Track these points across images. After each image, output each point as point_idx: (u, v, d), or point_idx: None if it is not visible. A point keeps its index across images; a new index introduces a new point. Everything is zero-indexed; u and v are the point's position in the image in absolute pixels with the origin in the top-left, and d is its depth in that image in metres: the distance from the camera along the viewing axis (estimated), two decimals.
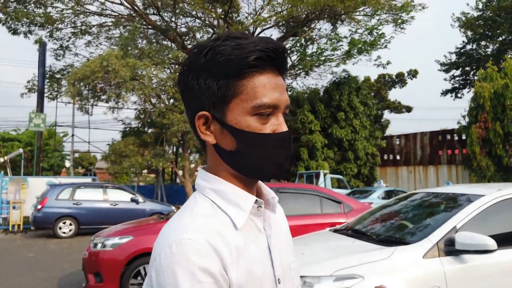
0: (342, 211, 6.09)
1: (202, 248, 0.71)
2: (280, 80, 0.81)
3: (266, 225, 0.86)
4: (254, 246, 0.80)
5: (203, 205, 0.81)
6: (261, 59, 0.77)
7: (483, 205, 3.36)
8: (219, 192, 0.82)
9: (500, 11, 26.69)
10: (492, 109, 18.91)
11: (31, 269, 7.73)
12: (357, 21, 17.82)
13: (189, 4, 15.73)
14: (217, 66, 0.78)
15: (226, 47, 0.77)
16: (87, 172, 31.87)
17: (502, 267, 3.11)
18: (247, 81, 0.77)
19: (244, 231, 0.80)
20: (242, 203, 0.81)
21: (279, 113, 0.81)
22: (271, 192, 0.91)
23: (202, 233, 0.74)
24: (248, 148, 0.79)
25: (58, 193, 12.09)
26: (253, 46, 0.76)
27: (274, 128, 0.80)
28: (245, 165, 0.81)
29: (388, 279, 2.98)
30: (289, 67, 19.07)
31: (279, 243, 0.88)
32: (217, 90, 0.78)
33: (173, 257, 0.71)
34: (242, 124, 0.78)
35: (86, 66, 13.51)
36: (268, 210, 0.88)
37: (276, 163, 0.81)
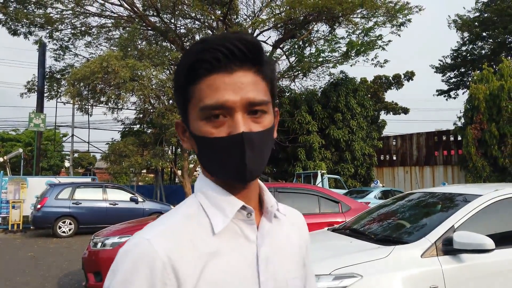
0: (340, 210, 6.16)
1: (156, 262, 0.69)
2: (237, 77, 0.74)
3: (259, 234, 0.80)
4: (234, 254, 0.76)
5: (190, 206, 0.80)
6: (205, 61, 0.73)
7: (481, 205, 3.40)
8: (207, 195, 0.80)
9: (498, 12, 26.86)
10: (487, 110, 19.05)
11: (30, 268, 7.76)
12: (354, 23, 17.92)
13: (189, 6, 15.78)
14: (176, 75, 0.80)
15: (184, 55, 0.78)
16: (86, 172, 31.81)
17: (500, 266, 3.14)
18: (195, 85, 0.75)
19: (225, 237, 0.77)
20: (226, 207, 0.78)
21: (235, 114, 0.74)
22: (272, 200, 0.85)
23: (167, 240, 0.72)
24: (206, 153, 0.78)
25: (57, 193, 12.12)
26: (202, 49, 0.74)
27: (230, 130, 0.74)
28: (210, 168, 0.79)
29: (386, 278, 3.02)
30: (287, 68, 19.17)
31: (276, 255, 0.82)
32: (178, 98, 0.80)
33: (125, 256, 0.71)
34: (196, 130, 0.77)
35: (86, 67, 13.54)
36: (265, 219, 0.84)
37: (234, 167, 0.75)
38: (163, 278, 0.69)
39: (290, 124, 20.00)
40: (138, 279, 0.69)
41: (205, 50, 0.74)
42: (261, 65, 0.78)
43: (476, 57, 29.09)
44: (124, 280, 0.69)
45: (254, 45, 0.76)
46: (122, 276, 0.70)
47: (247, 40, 0.75)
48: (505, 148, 18.44)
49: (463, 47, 30.28)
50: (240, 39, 0.75)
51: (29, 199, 13.46)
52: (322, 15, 16.17)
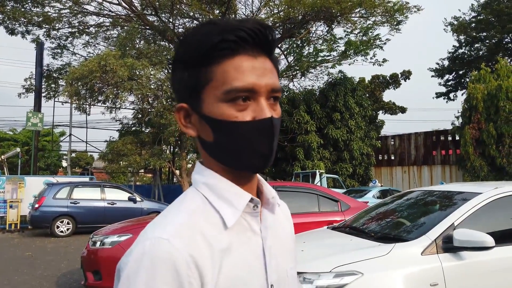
0: (339, 209, 6.17)
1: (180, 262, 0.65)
2: (261, 62, 0.73)
3: (262, 227, 0.79)
4: (244, 248, 0.75)
5: (193, 200, 0.76)
6: (231, 41, 0.70)
7: (480, 203, 3.41)
8: (212, 187, 0.76)
9: (495, 14, 26.98)
10: (485, 110, 19.11)
11: (29, 268, 7.74)
12: (353, 23, 17.94)
13: (187, 5, 15.77)
14: (187, 54, 0.74)
15: (196, 35, 0.73)
16: (84, 172, 31.76)
17: (500, 263, 3.15)
18: (217, 66, 0.71)
19: (234, 231, 0.74)
20: (235, 201, 0.75)
21: (260, 98, 0.72)
22: (272, 191, 0.84)
23: (184, 237, 0.68)
24: (225, 138, 0.73)
25: (55, 192, 12.09)
26: (223, 29, 0.71)
27: (255, 114, 0.72)
28: (227, 156, 0.75)
29: (387, 275, 3.02)
30: (285, 68, 19.18)
31: (277, 246, 0.82)
32: (189, 80, 0.74)
33: (142, 259, 0.65)
34: (216, 113, 0.72)
35: (84, 66, 13.51)
36: (267, 211, 0.82)
37: (259, 153, 0.73)
38: (189, 277, 0.66)
39: (289, 123, 20.02)
40: (164, 281, 0.64)
41: (228, 30, 0.70)
42: (273, 54, 0.77)
43: (474, 58, 29.20)
44: (147, 284, 0.64)
45: (273, 31, 0.75)
46: (144, 282, 0.64)
47: (266, 25, 0.74)
48: (503, 148, 18.50)
49: (460, 50, 30.44)
50: (260, 24, 0.73)
51: (27, 198, 13.43)
52: (320, 14, 16.19)
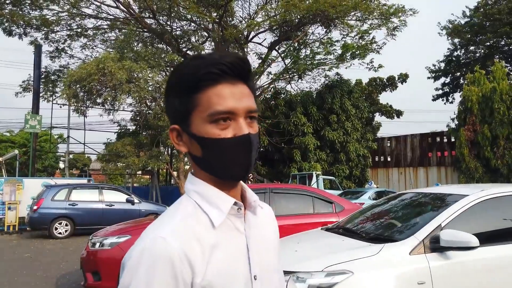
0: (334, 210, 6.28)
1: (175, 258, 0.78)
2: (239, 88, 0.87)
3: (246, 226, 0.92)
4: (230, 244, 0.87)
5: (186, 206, 0.89)
6: (213, 73, 0.84)
7: (467, 205, 3.51)
8: (202, 194, 0.89)
9: (488, 17, 27.24)
10: (480, 112, 19.30)
11: (28, 269, 7.81)
12: (349, 26, 18.09)
13: (185, 8, 15.87)
14: (177, 85, 0.88)
15: (185, 68, 0.88)
16: (82, 173, 31.75)
17: (484, 263, 3.26)
18: (202, 93, 0.85)
19: (221, 230, 0.87)
20: (221, 204, 0.88)
21: (239, 118, 0.86)
22: (254, 196, 0.96)
23: (178, 236, 0.81)
24: (211, 153, 0.86)
25: (54, 194, 12.15)
26: (207, 63, 0.85)
27: (235, 132, 0.85)
28: (214, 168, 0.88)
29: (376, 274, 3.12)
30: (282, 71, 19.32)
31: (260, 244, 0.94)
32: (180, 105, 0.87)
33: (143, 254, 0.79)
34: (202, 132, 0.85)
35: (82, 69, 13.59)
36: (250, 213, 0.95)
37: (240, 164, 0.87)
38: (182, 270, 0.78)
39: (286, 125, 20.14)
40: (161, 273, 0.77)
41: (211, 64, 0.85)
42: (249, 80, 0.91)
43: (470, 61, 29.45)
44: (147, 276, 0.77)
45: (248, 63, 0.90)
46: (144, 272, 0.77)
47: (243, 58, 0.89)
48: (497, 150, 18.67)
49: (454, 53, 30.70)
50: (238, 57, 0.88)
51: (25, 200, 13.48)
52: (316, 17, 16.33)
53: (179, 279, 0.78)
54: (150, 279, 0.77)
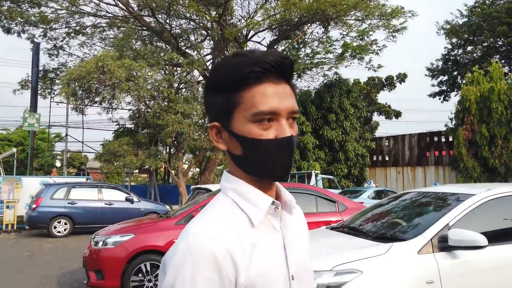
0: (337, 210, 6.29)
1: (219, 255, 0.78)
2: (282, 88, 0.86)
3: (282, 225, 0.92)
4: (269, 243, 0.87)
5: (224, 203, 0.89)
6: (257, 72, 0.83)
7: (474, 204, 3.52)
8: (239, 192, 0.89)
9: (485, 17, 27.37)
10: (478, 112, 19.39)
11: (28, 267, 7.78)
12: (348, 25, 18.11)
13: (184, 6, 15.83)
14: (220, 82, 0.87)
15: (227, 65, 0.87)
16: (80, 172, 31.64)
17: (493, 262, 3.27)
18: (245, 92, 0.84)
19: (260, 229, 0.86)
20: (259, 203, 0.88)
21: (281, 119, 0.85)
22: (289, 195, 0.97)
23: (221, 234, 0.81)
24: (252, 153, 0.86)
25: (53, 193, 12.11)
26: (251, 61, 0.84)
27: (277, 133, 0.85)
28: (253, 167, 0.88)
29: (385, 273, 3.13)
30: None
31: (295, 243, 0.94)
32: (222, 103, 0.87)
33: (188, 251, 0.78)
34: (244, 131, 0.85)
35: (81, 67, 13.52)
36: (285, 212, 0.95)
37: (281, 165, 0.86)
38: (226, 268, 0.78)
39: None
40: (206, 271, 0.77)
41: (256, 62, 0.84)
42: (291, 80, 0.91)
43: (468, 60, 29.59)
44: (192, 274, 0.77)
45: (292, 62, 0.90)
46: (189, 270, 0.77)
47: (287, 57, 0.89)
48: (495, 149, 18.76)
49: (452, 52, 30.84)
50: (282, 56, 0.87)
51: (23, 199, 13.42)
52: (316, 16, 16.33)
53: (224, 276, 0.78)
54: (196, 277, 0.77)
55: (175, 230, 5.68)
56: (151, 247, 5.63)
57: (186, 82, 16.14)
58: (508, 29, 26.09)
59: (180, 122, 14.07)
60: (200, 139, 15.26)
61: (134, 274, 5.60)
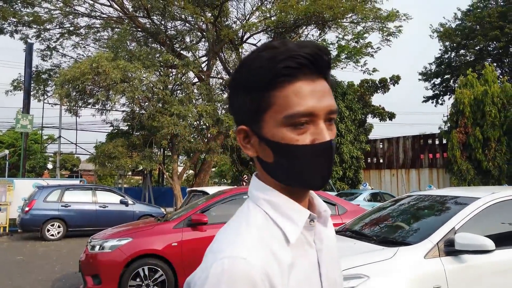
0: (337, 213, 6.25)
1: (257, 280, 0.70)
2: (320, 85, 0.76)
3: (316, 239, 0.83)
4: (304, 261, 0.79)
5: (257, 216, 0.79)
6: (291, 67, 0.73)
7: (479, 207, 3.50)
8: (273, 204, 0.79)
9: (478, 21, 27.66)
10: (472, 114, 19.54)
11: (21, 272, 7.64)
12: (343, 28, 18.16)
13: (179, 8, 15.75)
14: (249, 80, 0.77)
15: (256, 60, 0.76)
16: (73, 174, 31.32)
17: (500, 266, 3.25)
18: (279, 91, 0.74)
19: (295, 246, 0.78)
20: (295, 217, 0.79)
21: (319, 121, 0.75)
22: (323, 205, 0.87)
23: (258, 255, 0.72)
24: (286, 160, 0.76)
25: (46, 195, 11.94)
26: (284, 54, 0.74)
27: (314, 137, 0.75)
28: (287, 177, 0.78)
29: (392, 278, 3.09)
30: None
31: (328, 258, 0.86)
32: (251, 104, 0.77)
33: (222, 276, 0.69)
34: (277, 136, 0.75)
35: (75, 68, 13.36)
36: (319, 224, 0.85)
37: (318, 174, 0.77)
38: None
39: None
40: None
41: (289, 56, 0.73)
42: (328, 75, 0.80)
43: (461, 64, 29.86)
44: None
45: (329, 54, 0.78)
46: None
47: (324, 49, 0.77)
48: (489, 152, 18.91)
49: (445, 55, 31.11)
50: (318, 48, 0.76)
51: (16, 201, 13.22)
52: (312, 19, 16.34)
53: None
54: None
55: (173, 233, 5.60)
56: (149, 251, 5.54)
57: (181, 83, 16.03)
58: (500, 33, 26.38)
59: (176, 124, 13.96)
60: (195, 141, 15.16)
61: (132, 278, 5.51)
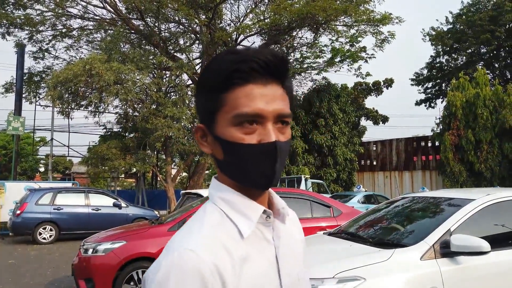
0: (332, 215, 6.24)
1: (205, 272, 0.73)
2: (271, 89, 0.80)
3: (275, 235, 0.86)
4: (260, 256, 0.81)
5: (212, 214, 0.82)
6: (243, 71, 0.78)
7: (474, 209, 3.51)
8: (228, 201, 0.83)
9: (469, 25, 27.94)
10: (464, 117, 19.71)
11: (13, 276, 7.53)
12: (336, 31, 18.23)
13: (174, 10, 15.71)
14: (206, 81, 0.82)
15: (216, 63, 0.82)
16: (65, 177, 31.04)
17: (495, 267, 3.26)
18: (231, 92, 0.79)
19: (250, 241, 0.81)
20: (249, 213, 0.82)
21: (267, 123, 0.79)
22: (282, 202, 0.90)
23: (208, 249, 0.75)
24: (233, 158, 0.80)
25: (38, 198, 11.80)
26: (239, 59, 0.78)
27: (260, 138, 0.78)
28: (234, 174, 0.83)
29: (388, 280, 3.08)
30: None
31: (288, 253, 0.88)
32: (207, 104, 0.82)
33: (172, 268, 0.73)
34: (226, 135, 0.79)
35: (68, 70, 13.25)
36: (278, 221, 0.88)
37: (262, 173, 0.80)
38: (213, 284, 0.73)
39: None
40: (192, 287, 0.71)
41: (242, 60, 0.78)
42: (285, 80, 0.84)
43: (452, 68, 30.14)
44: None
45: (285, 61, 0.83)
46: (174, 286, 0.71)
47: (278, 55, 0.81)
48: (481, 154, 19.08)
49: (437, 59, 31.39)
50: (273, 54, 0.80)
51: (7, 204, 13.06)
52: (305, 21, 16.39)
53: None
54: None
55: (168, 236, 5.54)
56: (144, 254, 5.49)
57: (175, 85, 15.98)
58: (491, 36, 26.67)
59: (169, 126, 13.89)
60: (189, 144, 15.10)
61: (126, 282, 5.45)
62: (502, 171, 18.99)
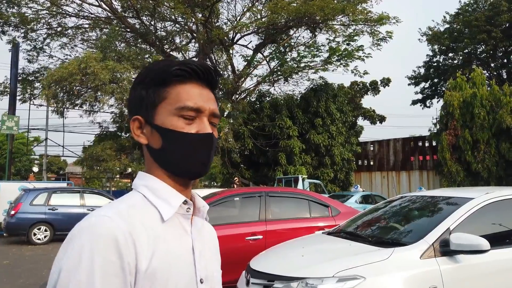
0: (330, 214, 6.19)
1: (119, 236, 0.76)
2: (206, 92, 0.92)
3: (193, 229, 0.92)
4: (176, 242, 0.86)
5: (134, 197, 0.88)
6: (184, 71, 0.88)
7: (473, 208, 3.49)
8: (151, 188, 0.89)
9: (466, 25, 28.03)
10: (461, 117, 19.73)
11: (8, 277, 7.45)
12: (334, 30, 18.20)
13: (170, 8, 15.63)
14: (147, 77, 0.91)
15: (157, 65, 0.93)
16: (60, 177, 30.88)
17: (494, 265, 3.25)
18: (172, 88, 0.89)
19: (169, 226, 0.86)
20: (171, 199, 0.88)
21: (203, 117, 0.90)
22: (202, 201, 0.98)
23: (124, 218, 0.79)
24: (172, 145, 0.88)
25: (32, 198, 11.69)
26: (179, 63, 0.90)
27: (198, 129, 0.89)
28: (171, 162, 0.89)
29: (388, 279, 3.07)
30: (268, 73, 19.28)
31: (205, 251, 0.94)
32: (147, 97, 0.90)
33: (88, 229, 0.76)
34: (167, 124, 0.87)
35: (63, 68, 13.14)
36: (197, 218, 0.96)
37: (199, 161, 0.89)
38: (126, 251, 0.76)
39: (271, 128, 20.05)
40: (105, 251, 0.74)
41: (183, 63, 0.90)
42: (215, 90, 0.98)
43: (449, 67, 30.22)
44: (91, 254, 0.73)
45: (218, 74, 0.96)
46: (88, 249, 0.74)
47: (213, 67, 0.94)
48: (478, 154, 19.10)
49: (434, 58, 31.47)
50: (208, 66, 0.94)
51: (1, 204, 12.95)
52: (303, 20, 16.35)
53: (124, 259, 0.76)
54: (94, 257, 0.74)
55: None
56: None
57: None
58: (488, 37, 26.75)
59: None
60: None
61: None
62: (499, 171, 19.02)
